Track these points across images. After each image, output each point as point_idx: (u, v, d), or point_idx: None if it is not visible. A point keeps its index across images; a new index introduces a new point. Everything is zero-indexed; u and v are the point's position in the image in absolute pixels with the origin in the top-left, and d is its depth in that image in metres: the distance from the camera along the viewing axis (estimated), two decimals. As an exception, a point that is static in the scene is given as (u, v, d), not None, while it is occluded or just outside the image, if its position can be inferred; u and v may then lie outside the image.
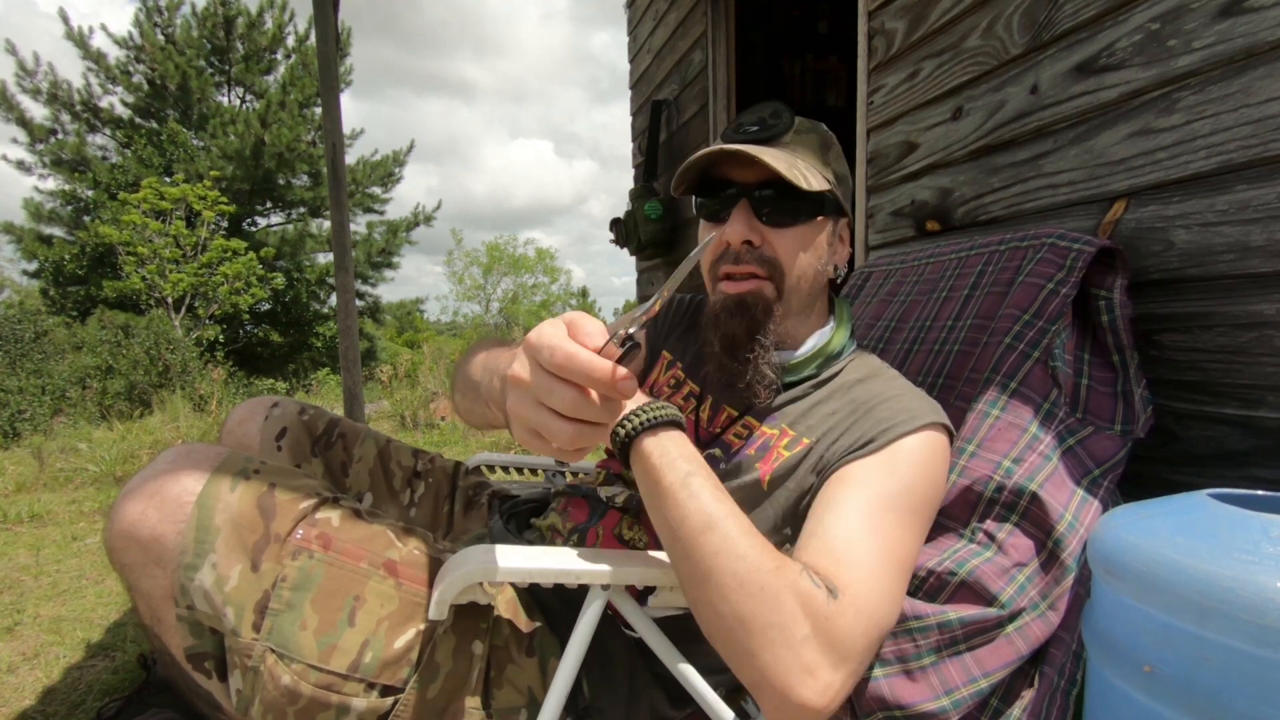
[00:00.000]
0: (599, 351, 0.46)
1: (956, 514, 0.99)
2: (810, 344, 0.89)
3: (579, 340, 0.47)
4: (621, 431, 0.71)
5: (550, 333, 0.47)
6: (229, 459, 0.80)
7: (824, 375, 0.89)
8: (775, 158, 0.78)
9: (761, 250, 0.82)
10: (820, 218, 0.85)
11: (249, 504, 0.76)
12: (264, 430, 1.08)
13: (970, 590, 0.91)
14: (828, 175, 0.84)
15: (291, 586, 0.74)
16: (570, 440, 0.47)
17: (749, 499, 0.82)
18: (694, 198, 0.89)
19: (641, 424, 0.71)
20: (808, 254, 0.84)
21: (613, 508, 0.92)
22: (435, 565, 0.82)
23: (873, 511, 0.73)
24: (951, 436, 0.85)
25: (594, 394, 0.46)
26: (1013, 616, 0.88)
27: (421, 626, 0.77)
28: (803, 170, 0.80)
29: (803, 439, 0.83)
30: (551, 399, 0.46)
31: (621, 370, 0.45)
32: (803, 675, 0.60)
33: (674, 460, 0.69)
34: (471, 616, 0.80)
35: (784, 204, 0.82)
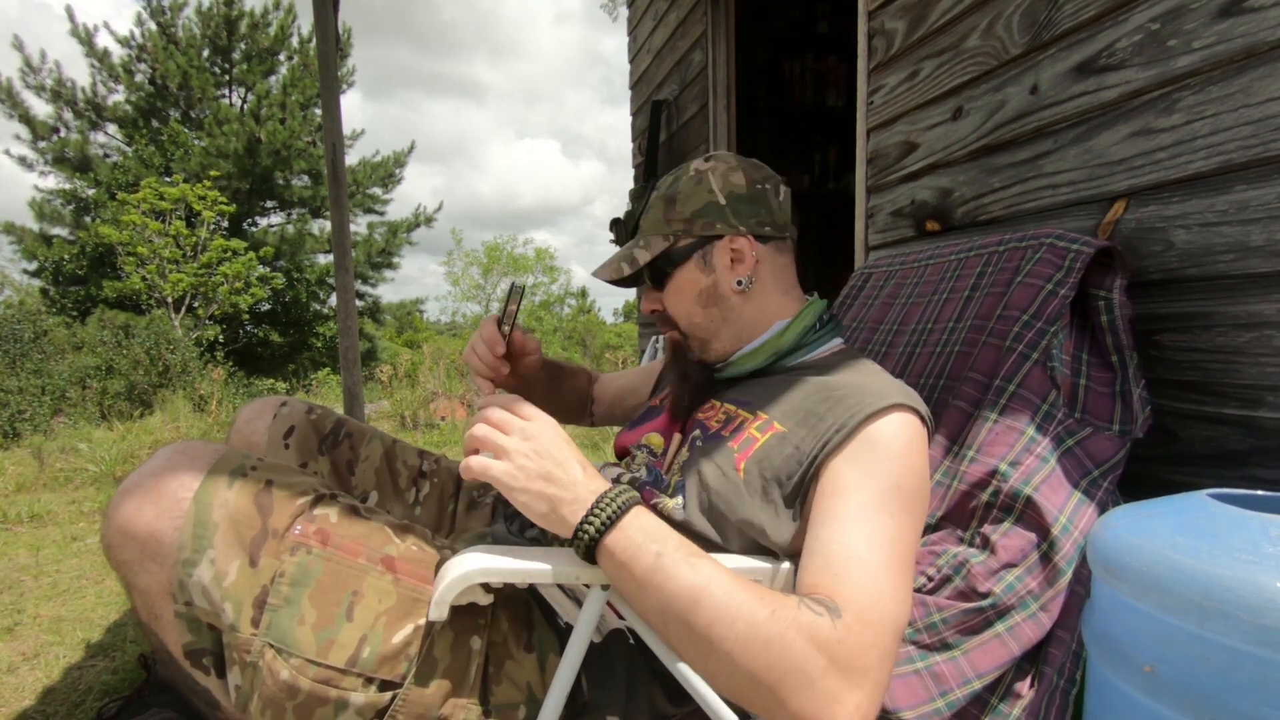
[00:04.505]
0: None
1: (957, 519, 0.99)
2: (759, 340, 0.96)
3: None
4: (585, 537, 0.70)
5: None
6: (226, 456, 0.80)
7: (790, 364, 0.94)
8: (617, 265, 0.96)
9: (664, 312, 0.98)
10: (680, 266, 0.95)
11: (246, 500, 0.76)
12: (272, 429, 1.09)
13: (961, 594, 0.92)
14: (672, 229, 0.94)
15: (290, 582, 0.74)
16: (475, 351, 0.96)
17: (726, 483, 0.83)
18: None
19: (601, 524, 0.70)
20: (685, 297, 0.96)
21: None
22: (433, 562, 0.82)
23: (866, 516, 0.74)
24: (924, 421, 0.85)
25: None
26: (1001, 613, 0.88)
27: (420, 622, 0.77)
28: (638, 251, 0.95)
29: (774, 424, 0.85)
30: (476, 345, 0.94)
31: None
32: (832, 706, 0.63)
33: (641, 546, 0.69)
34: (470, 613, 0.80)
35: (652, 274, 0.97)
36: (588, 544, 0.70)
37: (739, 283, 0.94)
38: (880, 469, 0.77)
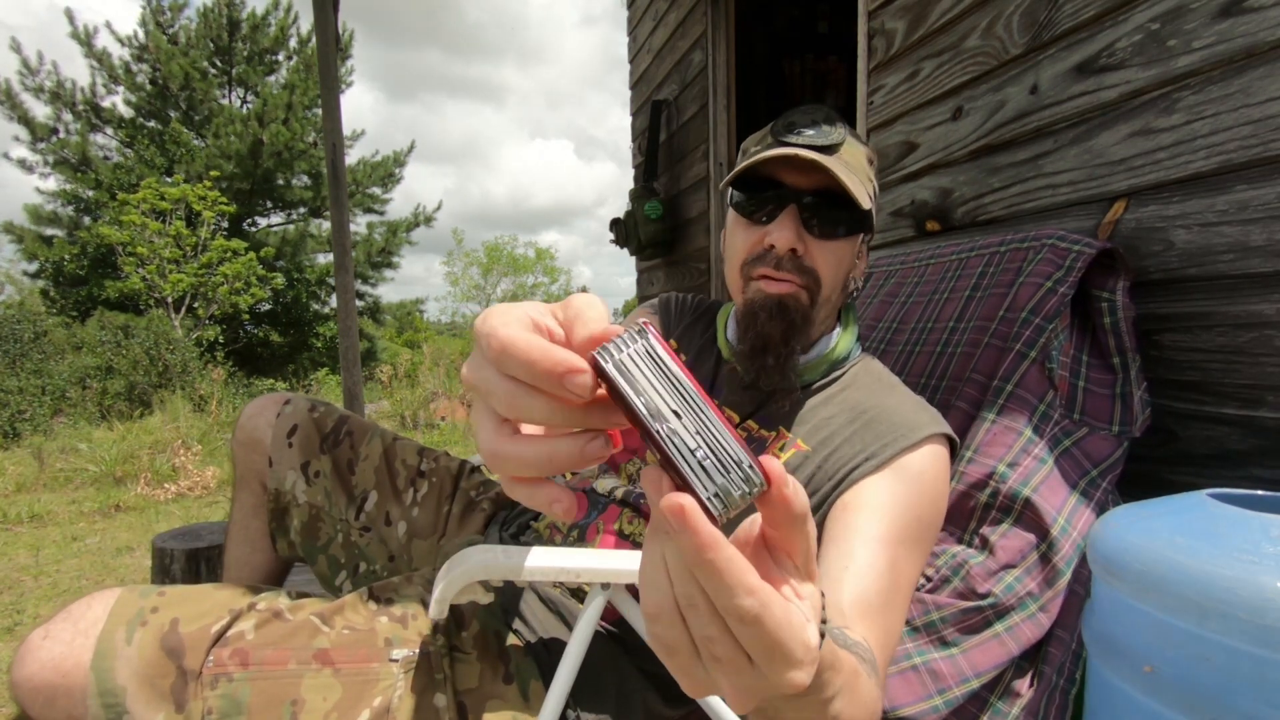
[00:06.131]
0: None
1: (956, 519, 0.99)
2: (817, 349, 0.89)
3: (574, 324, 0.32)
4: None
5: (500, 316, 0.33)
6: (119, 606, 0.75)
7: (827, 379, 0.89)
8: (843, 174, 0.77)
9: (802, 260, 0.81)
10: (861, 234, 0.85)
11: (152, 650, 0.72)
12: (276, 427, 1.10)
13: (960, 595, 0.92)
14: (870, 190, 0.83)
15: (220, 715, 0.70)
16: (508, 404, 0.31)
17: None
18: (731, 191, 0.86)
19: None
20: (842, 268, 0.84)
21: (612, 502, 0.91)
22: (371, 635, 0.79)
23: (889, 544, 0.73)
24: (953, 445, 0.84)
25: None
26: (1000, 613, 0.89)
27: (375, 703, 0.74)
28: (858, 189, 0.79)
29: (798, 441, 0.83)
30: (493, 390, 0.32)
31: (573, 362, 0.30)
32: None
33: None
34: (424, 671, 0.77)
35: (832, 216, 0.81)
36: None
37: (855, 283, 0.89)
38: (909, 501, 0.76)
